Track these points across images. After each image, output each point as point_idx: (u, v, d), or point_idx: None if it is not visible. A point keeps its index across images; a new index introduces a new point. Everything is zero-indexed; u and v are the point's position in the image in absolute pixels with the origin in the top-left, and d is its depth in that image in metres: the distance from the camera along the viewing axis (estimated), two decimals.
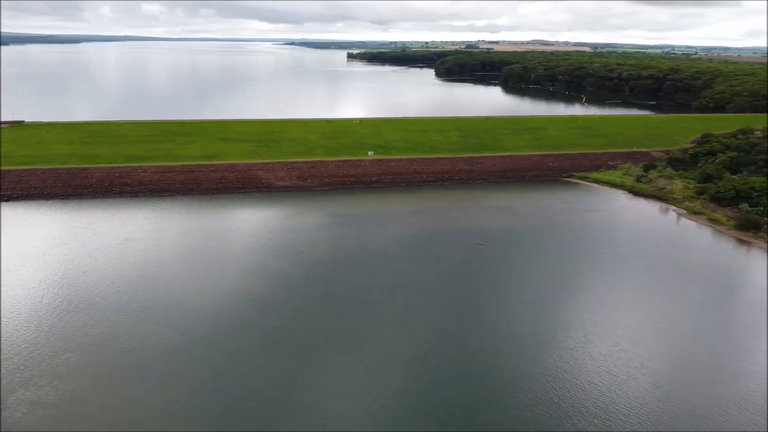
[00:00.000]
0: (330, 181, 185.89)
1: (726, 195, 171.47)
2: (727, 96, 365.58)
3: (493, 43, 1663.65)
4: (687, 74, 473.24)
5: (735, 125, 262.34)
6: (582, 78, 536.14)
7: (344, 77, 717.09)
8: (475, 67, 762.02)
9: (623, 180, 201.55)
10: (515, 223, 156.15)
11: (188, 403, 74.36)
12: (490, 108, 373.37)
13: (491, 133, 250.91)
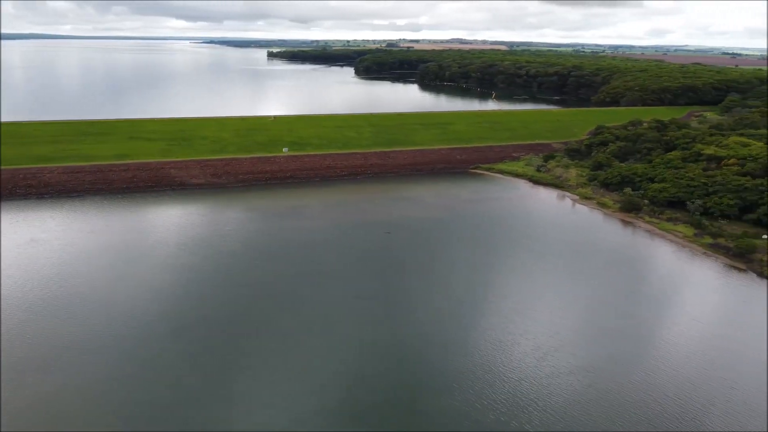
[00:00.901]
0: (245, 178, 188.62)
1: (613, 181, 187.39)
2: (621, 91, 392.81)
3: (414, 42, 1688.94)
4: (588, 71, 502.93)
5: (627, 118, 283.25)
6: (493, 75, 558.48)
7: (263, 76, 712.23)
8: (393, 65, 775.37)
9: (525, 170, 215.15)
10: (424, 212, 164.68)
11: (96, 396, 77.39)
12: (405, 105, 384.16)
13: (403, 129, 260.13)
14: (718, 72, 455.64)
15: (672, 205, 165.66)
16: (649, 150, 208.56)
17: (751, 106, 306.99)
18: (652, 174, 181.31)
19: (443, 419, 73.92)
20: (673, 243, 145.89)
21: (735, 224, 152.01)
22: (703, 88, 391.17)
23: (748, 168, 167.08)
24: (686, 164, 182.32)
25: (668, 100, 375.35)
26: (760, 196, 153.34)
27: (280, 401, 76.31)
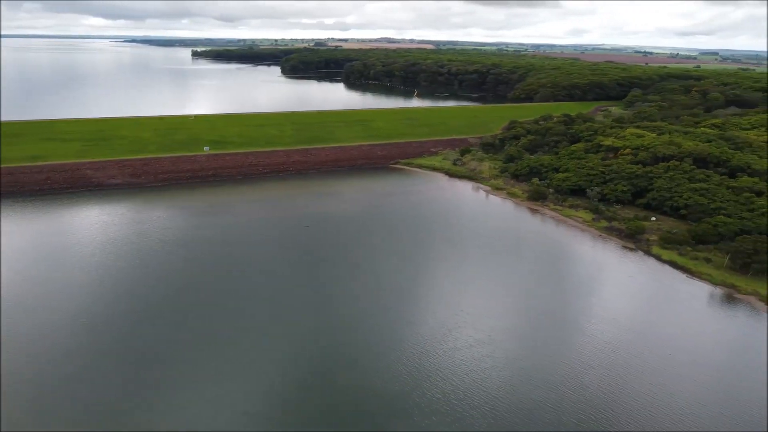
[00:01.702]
0: (165, 177, 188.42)
1: (522, 172, 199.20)
2: (535, 88, 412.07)
3: (343, 41, 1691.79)
4: (506, 69, 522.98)
5: (539, 113, 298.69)
6: (416, 74, 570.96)
7: (186, 75, 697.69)
8: (319, 64, 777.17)
9: (442, 164, 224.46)
10: (344, 206, 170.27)
11: None
12: (329, 103, 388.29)
13: (325, 126, 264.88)
14: (624, 69, 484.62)
15: (574, 192, 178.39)
16: (557, 142, 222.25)
17: (650, 101, 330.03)
18: (557, 165, 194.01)
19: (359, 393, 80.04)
20: (574, 227, 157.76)
21: (628, 208, 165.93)
22: (609, 84, 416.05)
23: (640, 157, 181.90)
24: (588, 155, 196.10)
25: (578, 96, 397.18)
26: (649, 182, 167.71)
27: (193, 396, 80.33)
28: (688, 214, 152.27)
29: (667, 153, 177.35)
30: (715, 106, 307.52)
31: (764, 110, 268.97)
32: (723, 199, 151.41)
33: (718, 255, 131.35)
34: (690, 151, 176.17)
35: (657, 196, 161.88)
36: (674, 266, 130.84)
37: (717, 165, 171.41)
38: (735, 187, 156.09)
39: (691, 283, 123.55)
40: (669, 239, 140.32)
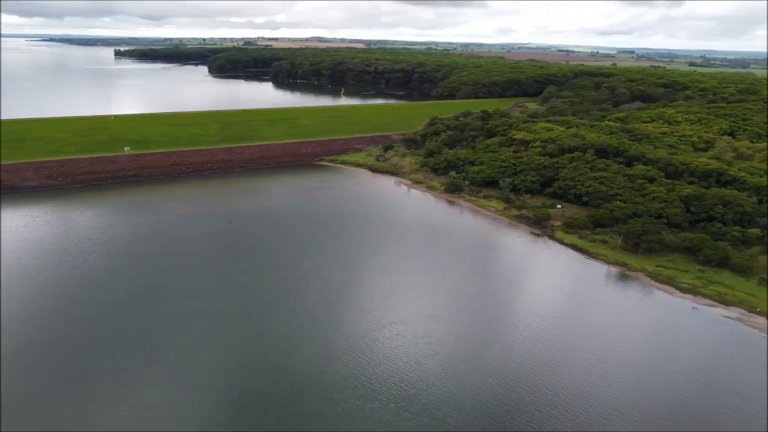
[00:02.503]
0: (84, 179, 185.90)
1: (441, 166, 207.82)
2: (457, 85, 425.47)
3: (273, 40, 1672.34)
4: (431, 67, 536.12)
5: (460, 109, 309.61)
6: (344, 72, 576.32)
7: (108, 75, 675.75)
8: (248, 63, 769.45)
9: (366, 160, 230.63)
10: (268, 202, 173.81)
11: None
12: (256, 102, 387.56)
13: (250, 125, 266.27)
14: (541, 67, 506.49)
15: (488, 184, 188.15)
16: (474, 137, 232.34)
17: (564, 97, 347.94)
18: (473, 158, 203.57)
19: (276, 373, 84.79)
20: (487, 216, 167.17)
21: (537, 197, 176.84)
22: (526, 81, 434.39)
23: (549, 149, 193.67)
24: (501, 148, 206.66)
25: (497, 93, 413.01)
26: (555, 172, 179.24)
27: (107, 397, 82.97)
28: (590, 201, 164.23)
29: (572, 145, 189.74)
30: (622, 101, 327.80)
31: (664, 104, 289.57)
32: (620, 186, 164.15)
33: (613, 237, 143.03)
34: (592, 143, 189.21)
35: (562, 185, 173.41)
36: (575, 248, 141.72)
37: (616, 155, 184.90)
38: (630, 174, 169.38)
39: (589, 263, 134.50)
40: (571, 224, 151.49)
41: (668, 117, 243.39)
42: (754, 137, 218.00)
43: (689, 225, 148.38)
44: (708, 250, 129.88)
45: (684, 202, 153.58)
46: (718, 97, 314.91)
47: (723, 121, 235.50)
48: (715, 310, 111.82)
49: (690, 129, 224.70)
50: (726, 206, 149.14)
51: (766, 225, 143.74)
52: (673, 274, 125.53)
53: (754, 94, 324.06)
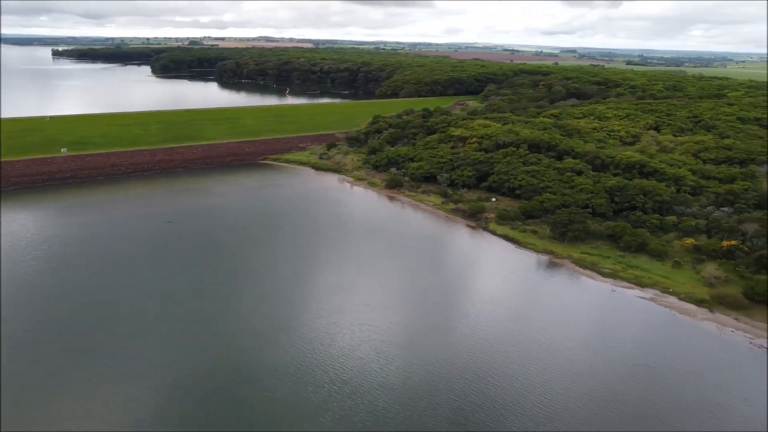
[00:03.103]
0: (17, 181, 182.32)
1: (382, 163, 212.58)
2: (400, 84, 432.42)
3: (219, 40, 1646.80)
4: (375, 66, 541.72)
5: (403, 108, 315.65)
6: (290, 72, 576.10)
7: (45, 76, 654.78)
8: (192, 63, 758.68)
9: (309, 158, 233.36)
10: (210, 200, 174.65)
11: None
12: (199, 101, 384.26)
13: (193, 125, 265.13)
14: (482, 66, 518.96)
15: (427, 179, 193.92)
16: (414, 135, 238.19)
17: (503, 95, 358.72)
18: (413, 155, 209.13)
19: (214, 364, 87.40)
20: (426, 210, 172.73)
21: (473, 191, 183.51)
22: (467, 80, 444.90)
23: (484, 145, 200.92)
24: (440, 145, 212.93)
25: (439, 91, 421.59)
26: (490, 167, 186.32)
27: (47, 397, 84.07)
28: (522, 194, 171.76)
29: (506, 140, 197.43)
30: (558, 98, 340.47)
31: (596, 101, 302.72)
32: (550, 179, 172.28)
33: (542, 227, 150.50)
34: (526, 138, 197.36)
35: (497, 179, 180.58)
36: (507, 239, 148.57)
37: (548, 150, 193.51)
38: (560, 168, 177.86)
39: (519, 252, 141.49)
40: (503, 216, 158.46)
41: (599, 113, 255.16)
42: (677, 131, 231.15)
43: (613, 214, 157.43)
44: (628, 237, 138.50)
45: (609, 192, 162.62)
46: (646, 94, 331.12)
47: (649, 116, 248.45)
48: (631, 292, 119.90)
49: (618, 124, 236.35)
50: (646, 196, 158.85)
51: (682, 213, 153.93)
52: (596, 260, 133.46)
53: (679, 90, 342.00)
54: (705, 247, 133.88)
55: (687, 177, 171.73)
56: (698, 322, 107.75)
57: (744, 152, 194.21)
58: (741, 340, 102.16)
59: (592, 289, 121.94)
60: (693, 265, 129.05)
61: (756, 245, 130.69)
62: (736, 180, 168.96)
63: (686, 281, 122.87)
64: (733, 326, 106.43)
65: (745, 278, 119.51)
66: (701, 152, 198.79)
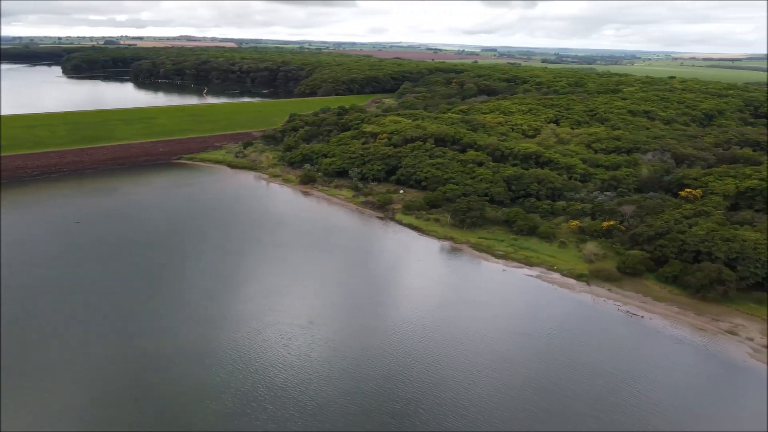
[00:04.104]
0: None
1: (296, 159, 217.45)
2: (318, 83, 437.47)
3: (138, 39, 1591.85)
4: (295, 66, 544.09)
5: (320, 106, 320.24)
6: (208, 71, 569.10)
7: None
8: (106, 63, 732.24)
9: (225, 157, 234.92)
10: (123, 200, 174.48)
11: None
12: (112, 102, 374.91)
13: (105, 125, 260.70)
14: (398, 65, 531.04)
15: (339, 174, 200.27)
16: (329, 132, 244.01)
17: (417, 92, 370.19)
18: (326, 151, 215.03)
19: None
20: (337, 204, 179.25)
21: (383, 185, 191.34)
22: (384, 78, 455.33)
23: (394, 140, 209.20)
24: (352, 141, 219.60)
25: (356, 90, 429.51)
26: (399, 161, 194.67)
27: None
28: (428, 185, 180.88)
29: (414, 135, 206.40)
30: (470, 95, 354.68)
31: (503, 97, 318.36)
32: (453, 171, 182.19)
33: (444, 215, 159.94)
34: (432, 133, 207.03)
35: (404, 172, 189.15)
36: (411, 227, 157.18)
37: (453, 143, 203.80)
38: (463, 160, 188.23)
39: (423, 239, 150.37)
40: (409, 206, 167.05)
41: (504, 108, 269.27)
42: (574, 124, 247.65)
43: (510, 201, 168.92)
44: (520, 222, 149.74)
45: (506, 181, 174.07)
46: (550, 90, 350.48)
47: (550, 110, 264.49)
48: (521, 271, 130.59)
49: (521, 118, 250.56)
50: (540, 184, 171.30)
51: (571, 198, 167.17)
52: (491, 244, 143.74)
53: (581, 86, 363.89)
54: (588, 228, 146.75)
55: (578, 165, 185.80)
56: (576, 294, 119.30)
57: (631, 142, 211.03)
58: (611, 307, 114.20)
59: (486, 270, 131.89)
60: (577, 245, 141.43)
61: (632, 224, 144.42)
62: (620, 167, 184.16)
63: (570, 259, 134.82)
64: (605, 296, 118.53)
65: (620, 254, 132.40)
66: (594, 143, 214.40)
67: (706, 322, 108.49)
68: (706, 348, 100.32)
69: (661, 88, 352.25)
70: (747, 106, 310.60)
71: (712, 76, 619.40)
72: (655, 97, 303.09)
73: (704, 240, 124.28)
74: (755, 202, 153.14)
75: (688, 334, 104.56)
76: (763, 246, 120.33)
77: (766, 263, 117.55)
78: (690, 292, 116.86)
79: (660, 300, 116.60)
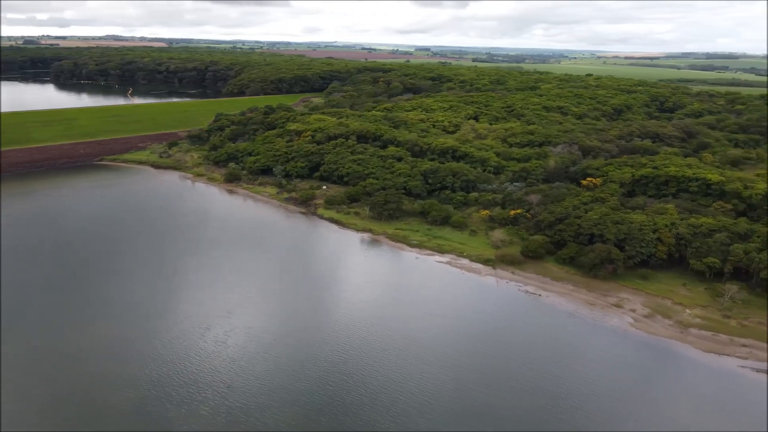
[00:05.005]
0: None
1: (221, 158, 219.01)
2: (246, 82, 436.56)
3: (61, 39, 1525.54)
4: (224, 65, 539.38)
5: (248, 106, 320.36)
6: (134, 72, 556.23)
7: None
8: (24, 64, 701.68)
9: (150, 157, 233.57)
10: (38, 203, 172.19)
11: None
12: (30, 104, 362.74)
13: (21, 128, 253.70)
14: (327, 64, 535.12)
15: (264, 172, 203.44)
16: (255, 131, 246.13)
17: (345, 91, 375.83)
18: (251, 149, 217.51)
19: None
20: (261, 201, 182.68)
21: (307, 181, 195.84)
22: (312, 78, 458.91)
23: (317, 138, 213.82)
24: (277, 139, 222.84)
25: (285, 89, 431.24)
26: (322, 158, 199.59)
27: None
28: (349, 180, 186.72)
29: (337, 133, 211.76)
30: (396, 93, 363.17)
31: (427, 95, 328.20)
32: (374, 166, 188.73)
33: (364, 209, 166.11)
34: (354, 130, 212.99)
35: (327, 169, 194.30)
36: (332, 221, 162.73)
37: (374, 140, 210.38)
38: (383, 155, 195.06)
39: (343, 231, 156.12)
40: (330, 201, 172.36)
41: (426, 106, 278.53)
42: (492, 120, 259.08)
43: (427, 194, 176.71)
44: (434, 213, 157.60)
45: (423, 175, 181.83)
46: (473, 87, 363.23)
47: (470, 107, 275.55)
48: (432, 258, 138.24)
49: (443, 115, 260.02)
50: (455, 176, 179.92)
51: (484, 189, 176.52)
52: (407, 234, 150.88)
53: (502, 84, 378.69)
54: (497, 217, 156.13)
55: (491, 159, 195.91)
56: (482, 278, 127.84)
57: (543, 136, 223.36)
58: (513, 288, 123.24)
59: (401, 259, 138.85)
60: (486, 233, 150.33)
61: (537, 212, 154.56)
62: (531, 159, 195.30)
63: (479, 246, 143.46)
64: (509, 278, 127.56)
65: (524, 239, 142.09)
66: (509, 137, 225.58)
67: (596, 297, 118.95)
68: (594, 320, 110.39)
69: (577, 85, 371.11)
70: (653, 102, 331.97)
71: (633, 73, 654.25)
72: (569, 93, 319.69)
73: (597, 224, 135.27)
74: (648, 188, 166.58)
75: (580, 308, 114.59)
76: (648, 228, 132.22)
77: (650, 243, 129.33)
78: (584, 271, 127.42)
79: (557, 280, 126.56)
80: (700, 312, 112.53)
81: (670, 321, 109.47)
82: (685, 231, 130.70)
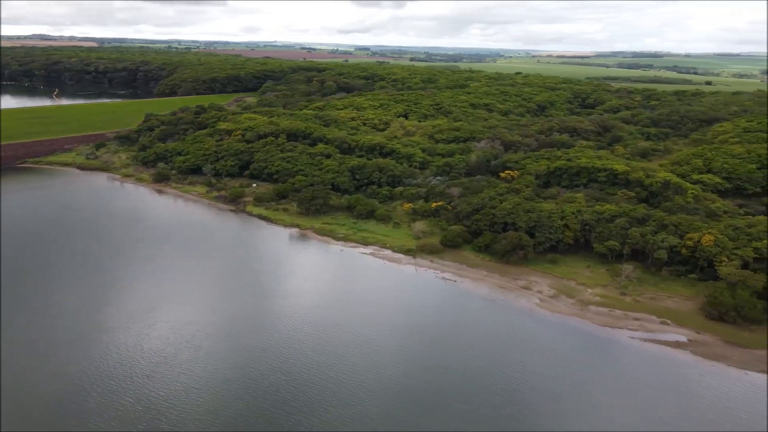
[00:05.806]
0: None
1: (150, 159, 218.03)
2: (178, 83, 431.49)
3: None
4: (155, 66, 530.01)
5: (180, 106, 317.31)
6: (61, 72, 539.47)
7: None
8: None
9: (75, 159, 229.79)
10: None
11: None
12: None
13: None
14: (262, 64, 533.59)
15: (194, 171, 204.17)
16: (185, 131, 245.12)
17: (279, 90, 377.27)
18: (181, 149, 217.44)
19: None
20: (191, 200, 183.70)
21: (237, 179, 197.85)
22: (246, 77, 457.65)
23: (247, 136, 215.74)
24: (206, 138, 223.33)
25: (218, 89, 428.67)
26: (251, 156, 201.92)
27: None
28: (279, 178, 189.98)
29: (267, 131, 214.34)
30: (330, 92, 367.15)
31: (360, 94, 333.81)
32: (303, 164, 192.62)
33: (292, 205, 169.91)
34: (284, 128, 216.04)
35: (257, 167, 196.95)
36: (261, 217, 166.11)
37: (304, 137, 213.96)
38: (312, 153, 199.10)
39: (271, 227, 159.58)
40: (259, 198, 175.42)
41: (357, 104, 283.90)
42: (421, 117, 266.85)
43: (355, 189, 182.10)
44: (360, 207, 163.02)
45: (351, 171, 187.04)
46: (405, 86, 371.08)
47: (400, 105, 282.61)
48: (357, 250, 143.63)
49: (373, 113, 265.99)
50: (382, 172, 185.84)
51: (409, 183, 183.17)
52: (333, 228, 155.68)
53: (433, 82, 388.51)
54: (420, 209, 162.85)
55: (417, 154, 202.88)
56: (402, 267, 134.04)
57: (468, 132, 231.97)
58: (431, 276, 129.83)
59: (327, 251, 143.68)
60: (409, 224, 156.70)
61: (457, 204, 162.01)
62: (454, 154, 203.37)
63: (401, 237, 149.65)
64: (427, 266, 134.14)
65: (444, 230, 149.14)
66: (436, 134, 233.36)
67: (507, 281, 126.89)
68: (504, 301, 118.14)
69: (505, 83, 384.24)
70: (576, 98, 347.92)
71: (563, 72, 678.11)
72: (496, 91, 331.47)
73: (510, 213, 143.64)
74: (562, 179, 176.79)
75: (492, 292, 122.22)
76: (557, 215, 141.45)
77: (558, 230, 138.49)
78: (497, 257, 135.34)
79: (473, 266, 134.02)
80: (600, 291, 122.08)
81: (573, 300, 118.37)
82: (590, 217, 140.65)
